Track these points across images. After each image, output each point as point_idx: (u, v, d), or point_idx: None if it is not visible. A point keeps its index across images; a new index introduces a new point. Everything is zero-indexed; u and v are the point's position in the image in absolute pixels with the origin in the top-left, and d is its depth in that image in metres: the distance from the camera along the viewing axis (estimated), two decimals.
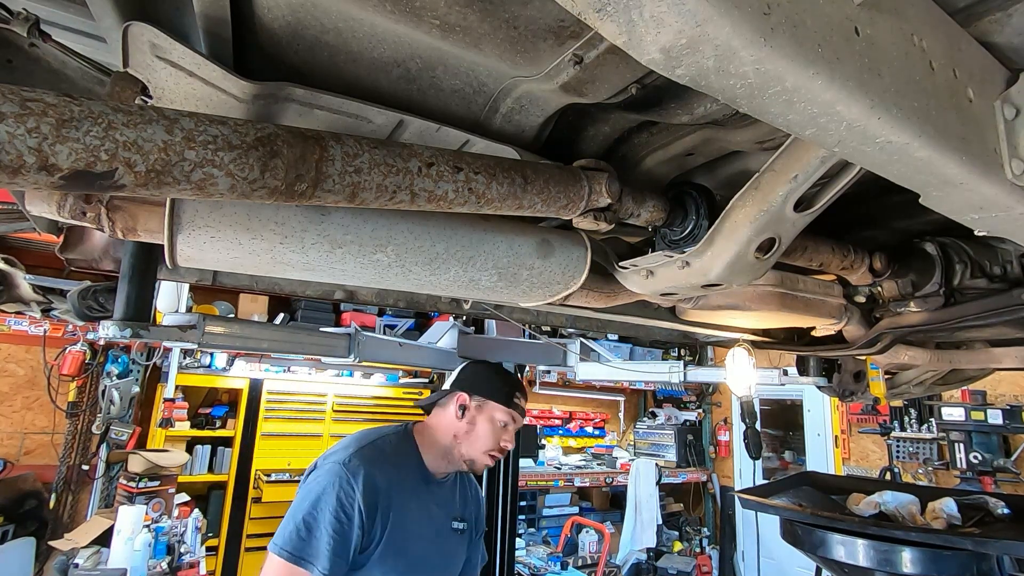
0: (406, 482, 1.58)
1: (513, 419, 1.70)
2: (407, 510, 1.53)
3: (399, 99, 1.01)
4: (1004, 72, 0.80)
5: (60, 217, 0.97)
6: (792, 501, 2.60)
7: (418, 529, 1.55)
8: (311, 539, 1.37)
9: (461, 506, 1.76)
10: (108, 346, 4.74)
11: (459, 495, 1.78)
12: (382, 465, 1.53)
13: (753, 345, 2.38)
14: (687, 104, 1.02)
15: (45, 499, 4.51)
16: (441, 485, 1.70)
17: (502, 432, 1.68)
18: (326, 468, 1.49)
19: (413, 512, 1.55)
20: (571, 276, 1.22)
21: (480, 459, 1.67)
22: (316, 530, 1.38)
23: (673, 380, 3.91)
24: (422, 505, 1.60)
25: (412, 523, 1.53)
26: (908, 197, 0.79)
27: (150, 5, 0.85)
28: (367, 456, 1.53)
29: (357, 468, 1.47)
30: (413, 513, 1.55)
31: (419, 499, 1.60)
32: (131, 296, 1.56)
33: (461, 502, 1.77)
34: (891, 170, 0.71)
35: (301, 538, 1.38)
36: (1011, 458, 4.73)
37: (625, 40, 0.51)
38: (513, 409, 1.70)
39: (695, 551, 6.86)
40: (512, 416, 1.70)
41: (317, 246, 0.98)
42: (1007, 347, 2.24)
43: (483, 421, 1.67)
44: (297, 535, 1.38)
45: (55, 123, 0.54)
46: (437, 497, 1.67)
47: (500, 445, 1.67)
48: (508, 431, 1.69)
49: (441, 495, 1.69)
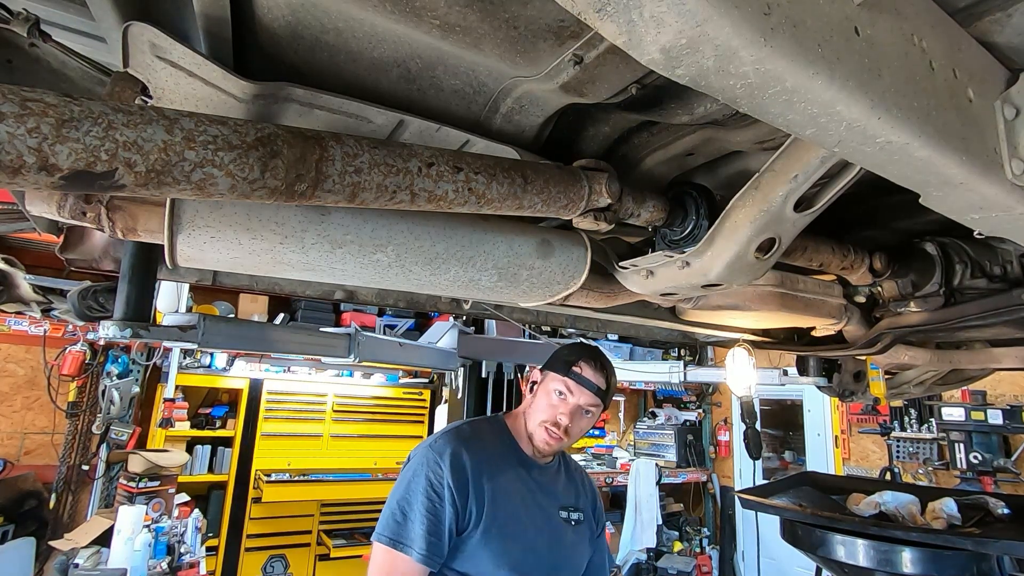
0: (501, 462, 1.52)
1: (568, 388, 1.55)
2: (506, 492, 1.47)
3: (399, 99, 1.01)
4: (1004, 72, 0.80)
5: (60, 217, 0.97)
6: (792, 501, 2.60)
7: (523, 513, 1.49)
8: (406, 523, 1.37)
9: (572, 496, 1.65)
10: (108, 346, 4.74)
11: (567, 484, 1.67)
12: (471, 444, 1.49)
13: (753, 345, 2.38)
14: (687, 104, 1.02)
15: (45, 499, 4.51)
16: (544, 471, 1.61)
17: (559, 403, 1.55)
18: (417, 453, 1.50)
19: (513, 494, 1.49)
20: (571, 276, 1.22)
21: (537, 433, 1.56)
22: (410, 513, 1.38)
23: (673, 380, 3.92)
24: (524, 488, 1.53)
25: (514, 505, 1.47)
26: (908, 197, 0.79)
27: (150, 5, 0.85)
28: (454, 437, 1.50)
29: (443, 447, 1.46)
30: (514, 495, 1.49)
31: (520, 482, 1.53)
32: (131, 296, 1.56)
33: (572, 492, 1.66)
34: (891, 170, 0.71)
35: (397, 522, 1.38)
36: (1011, 458, 4.73)
37: (625, 40, 0.51)
38: (568, 377, 1.56)
39: (695, 551, 6.86)
40: (566, 385, 1.55)
41: (317, 246, 0.98)
42: (1007, 347, 2.24)
43: (542, 393, 1.59)
44: (393, 520, 1.39)
45: (55, 123, 0.54)
46: (540, 483, 1.58)
47: (555, 418, 1.54)
48: (566, 403, 1.55)
49: (544, 481, 1.60)
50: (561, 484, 1.65)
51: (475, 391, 3.68)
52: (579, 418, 1.56)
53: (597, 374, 1.56)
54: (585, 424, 1.58)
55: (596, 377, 1.56)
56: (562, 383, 1.56)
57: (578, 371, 1.55)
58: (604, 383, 1.57)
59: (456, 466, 1.42)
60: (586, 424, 1.58)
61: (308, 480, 5.41)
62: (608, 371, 1.60)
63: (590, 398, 1.55)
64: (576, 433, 1.57)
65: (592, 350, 1.62)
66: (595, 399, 1.55)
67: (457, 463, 1.43)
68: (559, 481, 1.64)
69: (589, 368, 1.56)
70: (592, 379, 1.55)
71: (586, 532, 1.63)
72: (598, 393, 1.55)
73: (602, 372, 1.57)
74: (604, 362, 1.60)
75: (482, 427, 1.62)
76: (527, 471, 1.57)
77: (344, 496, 5.52)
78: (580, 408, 1.55)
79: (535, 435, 1.57)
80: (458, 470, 1.42)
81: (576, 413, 1.55)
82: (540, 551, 1.48)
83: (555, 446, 1.55)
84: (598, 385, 1.55)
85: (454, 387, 3.73)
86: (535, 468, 1.59)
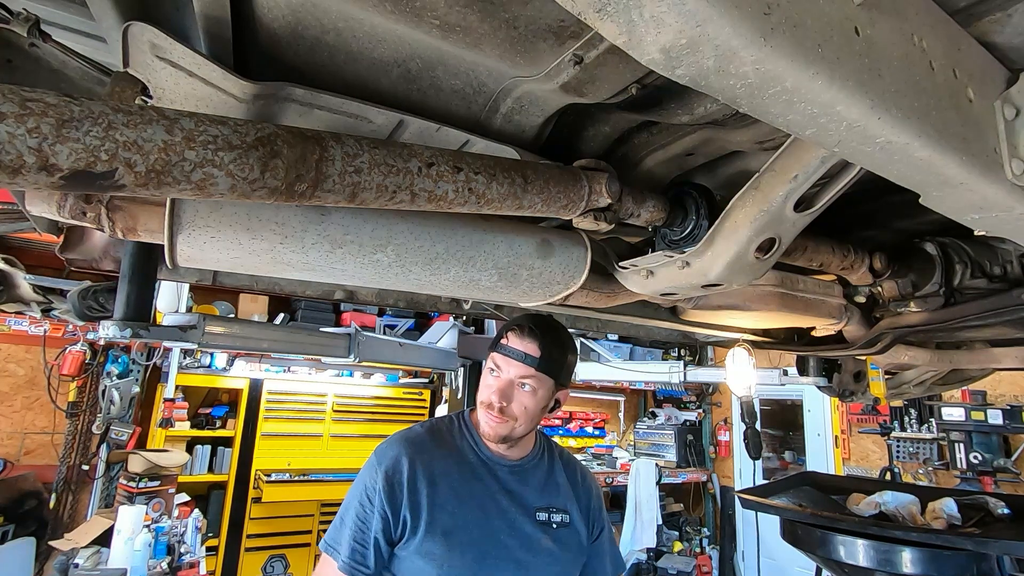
0: (453, 465, 1.39)
1: (496, 363, 1.41)
2: (457, 496, 1.35)
3: (399, 99, 1.01)
4: (1004, 72, 0.80)
5: (60, 217, 0.97)
6: (792, 501, 2.60)
7: (478, 518, 1.35)
8: (341, 528, 1.35)
9: (555, 496, 1.47)
10: (108, 346, 4.74)
11: (547, 483, 1.49)
12: (417, 448, 1.40)
13: (753, 345, 2.38)
14: (687, 104, 1.02)
15: (45, 499, 4.51)
16: (516, 470, 1.46)
17: (493, 381, 1.40)
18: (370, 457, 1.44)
19: (467, 498, 1.36)
20: (571, 276, 1.22)
21: (480, 418, 1.43)
22: (345, 518, 1.36)
23: (673, 380, 3.92)
24: (483, 491, 1.39)
25: (467, 510, 1.34)
26: (908, 197, 0.79)
27: (150, 5, 0.84)
28: (399, 441, 1.42)
29: (384, 453, 1.39)
30: (467, 500, 1.36)
31: (477, 483, 1.40)
32: (131, 296, 1.56)
33: (554, 491, 1.48)
34: (891, 170, 0.71)
35: (335, 527, 1.37)
36: (1011, 458, 4.73)
37: (625, 40, 0.51)
38: (496, 351, 1.41)
39: (695, 551, 6.86)
40: (494, 360, 1.41)
41: (317, 246, 0.98)
42: (1007, 347, 2.24)
43: (483, 375, 1.46)
44: (333, 524, 1.38)
45: (55, 123, 0.54)
46: (506, 483, 1.43)
47: (489, 398, 1.39)
48: (498, 380, 1.40)
49: (513, 481, 1.44)
50: (538, 483, 1.48)
51: (475, 391, 3.68)
52: (517, 394, 1.39)
53: (525, 340, 1.39)
54: (528, 400, 1.39)
55: (524, 344, 1.39)
56: (492, 359, 1.42)
57: (504, 342, 1.41)
58: (536, 349, 1.38)
59: (391, 474, 1.34)
60: (529, 400, 1.39)
61: (308, 480, 5.42)
62: (542, 336, 1.40)
63: (520, 368, 1.38)
64: (520, 412, 1.39)
65: (525, 317, 1.45)
66: (525, 368, 1.37)
67: (393, 470, 1.35)
68: (535, 480, 1.47)
69: (515, 336, 1.40)
70: (519, 347, 1.38)
71: (573, 537, 1.45)
72: (527, 361, 1.37)
73: (532, 337, 1.39)
74: (538, 327, 1.41)
75: (439, 428, 1.49)
76: (489, 471, 1.43)
77: (344, 496, 5.51)
78: (512, 382, 1.39)
79: (480, 421, 1.44)
80: (392, 478, 1.34)
81: (509, 389, 1.39)
82: (500, 558, 1.35)
83: (499, 429, 1.39)
84: (525, 352, 1.38)
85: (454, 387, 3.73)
86: (501, 467, 1.44)
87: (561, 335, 1.45)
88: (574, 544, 1.45)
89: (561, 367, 1.43)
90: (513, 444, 1.44)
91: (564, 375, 1.45)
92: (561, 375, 1.44)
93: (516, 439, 1.43)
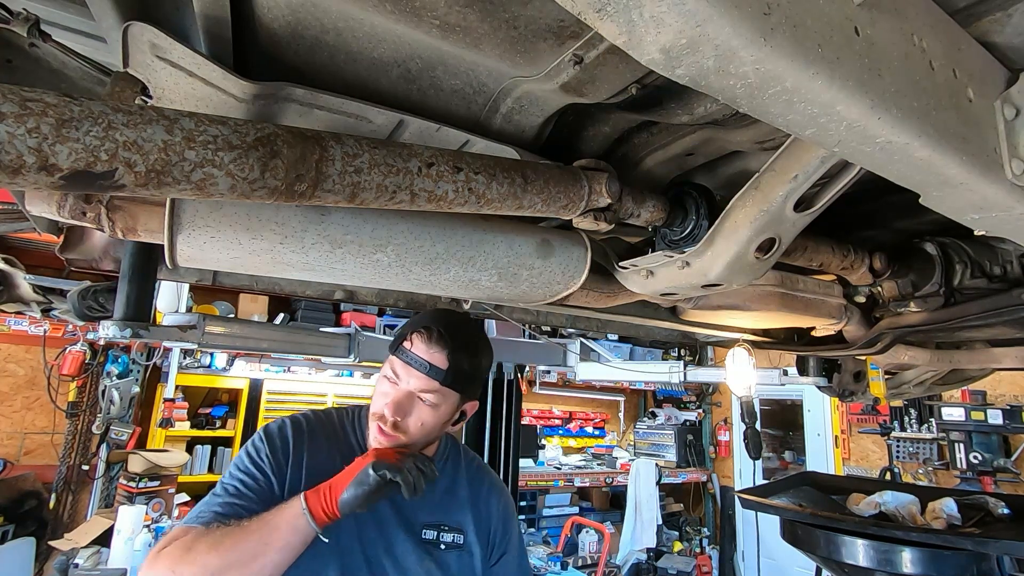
0: (341, 461, 1.16)
1: (394, 370, 1.19)
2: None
3: (399, 99, 1.01)
4: (1004, 72, 0.80)
5: (60, 217, 0.97)
6: (792, 501, 2.60)
7: (351, 528, 1.16)
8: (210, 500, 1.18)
9: (449, 511, 1.28)
10: (108, 346, 4.74)
11: (445, 497, 1.30)
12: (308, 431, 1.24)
13: (753, 345, 2.38)
14: (687, 104, 1.02)
15: (45, 499, 4.51)
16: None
17: (389, 390, 1.19)
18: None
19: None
20: (571, 276, 1.22)
21: (370, 430, 1.21)
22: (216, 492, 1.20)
23: (673, 380, 3.92)
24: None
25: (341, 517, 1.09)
26: (908, 197, 0.79)
27: (150, 5, 0.84)
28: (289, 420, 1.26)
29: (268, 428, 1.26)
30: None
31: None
32: (131, 296, 1.56)
33: (450, 506, 1.29)
34: (891, 170, 0.71)
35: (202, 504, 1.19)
36: (1011, 458, 4.73)
37: (625, 40, 0.51)
38: (396, 356, 1.20)
39: (695, 551, 6.86)
40: (392, 366, 1.19)
41: (317, 246, 0.98)
42: (1007, 347, 2.24)
43: (379, 378, 1.25)
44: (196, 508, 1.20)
45: (55, 123, 0.54)
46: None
47: (381, 411, 1.18)
48: (394, 390, 1.18)
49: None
50: (433, 495, 1.27)
51: None
52: (415, 409, 1.17)
53: (432, 348, 1.16)
54: (428, 416, 1.18)
55: (429, 352, 1.16)
56: (390, 364, 1.21)
57: (407, 347, 1.19)
58: (443, 359, 1.16)
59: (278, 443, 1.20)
60: (429, 416, 1.18)
61: None
62: (452, 343, 1.17)
63: (421, 381, 1.16)
64: (415, 428, 1.18)
65: (435, 317, 1.23)
66: (428, 381, 1.16)
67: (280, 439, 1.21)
68: (430, 491, 1.20)
69: (421, 341, 1.17)
70: (423, 355, 1.16)
71: (464, 561, 1.26)
72: (431, 373, 1.15)
73: (440, 345, 1.16)
74: (449, 333, 1.18)
75: (331, 417, 1.32)
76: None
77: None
78: (411, 396, 1.17)
79: (368, 433, 1.23)
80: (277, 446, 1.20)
81: (406, 402, 1.17)
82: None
83: (388, 446, 1.18)
84: (429, 362, 1.15)
85: None
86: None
87: (474, 341, 1.25)
88: (463, 569, 1.26)
89: (471, 380, 1.23)
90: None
91: (473, 388, 1.27)
92: (469, 389, 1.24)
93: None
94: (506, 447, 3.67)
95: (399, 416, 1.17)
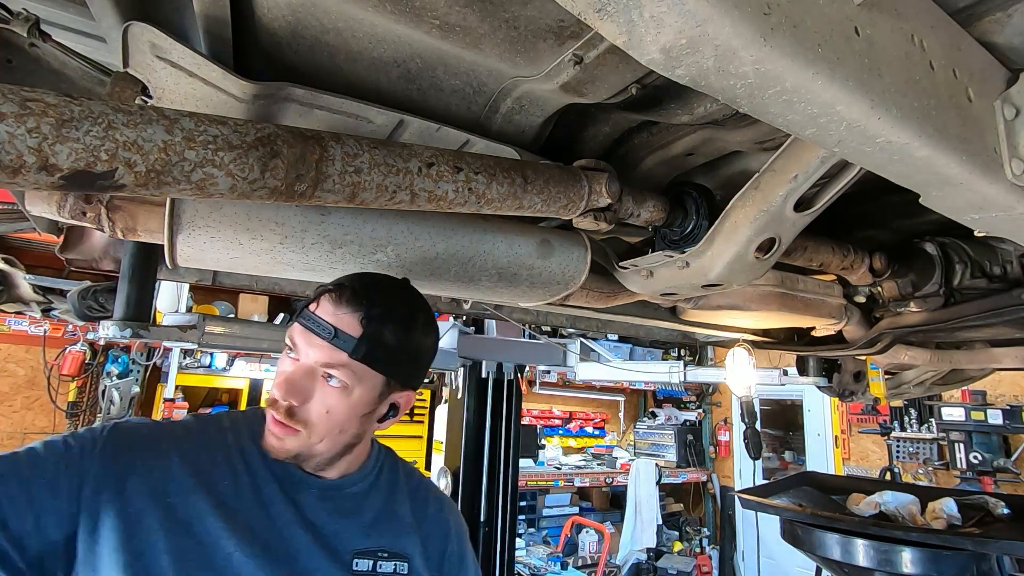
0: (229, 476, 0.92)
1: (293, 340, 0.92)
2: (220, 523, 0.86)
3: (399, 99, 1.01)
4: (1004, 72, 0.80)
5: (60, 217, 0.97)
6: (792, 501, 2.60)
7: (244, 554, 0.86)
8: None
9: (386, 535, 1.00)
10: (108, 346, 4.74)
11: (382, 517, 1.02)
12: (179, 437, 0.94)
13: (753, 345, 2.38)
14: (687, 104, 1.02)
15: None
16: (332, 496, 0.98)
17: (287, 366, 0.93)
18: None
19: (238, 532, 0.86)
20: (571, 276, 1.22)
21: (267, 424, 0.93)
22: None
23: (673, 380, 3.91)
24: (264, 523, 0.90)
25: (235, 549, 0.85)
26: (908, 197, 0.79)
27: (150, 5, 0.85)
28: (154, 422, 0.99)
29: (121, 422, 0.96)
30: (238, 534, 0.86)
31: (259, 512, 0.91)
32: (131, 296, 1.56)
33: (388, 530, 1.01)
34: (891, 170, 0.71)
35: None
36: (1011, 458, 4.73)
37: (625, 40, 0.51)
38: (298, 321, 0.92)
39: (695, 551, 6.86)
40: (291, 336, 0.92)
41: (317, 246, 0.98)
42: (1007, 347, 2.24)
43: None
44: None
45: (55, 123, 0.54)
46: (315, 513, 0.95)
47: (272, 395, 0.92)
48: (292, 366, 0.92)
49: (325, 511, 0.96)
50: (365, 515, 1.00)
51: (475, 391, 3.68)
52: (317, 391, 0.90)
53: (340, 310, 0.89)
54: (336, 402, 0.90)
55: (336, 314, 0.89)
56: (290, 333, 0.93)
57: (311, 309, 0.91)
58: (354, 325, 0.88)
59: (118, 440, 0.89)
60: (337, 402, 0.90)
61: None
62: (370, 304, 0.90)
63: (323, 352, 0.88)
64: (320, 421, 0.90)
65: (354, 275, 0.97)
66: (332, 352, 0.88)
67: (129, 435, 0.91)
68: (362, 510, 1.00)
69: (328, 302, 0.90)
70: (329, 318, 0.89)
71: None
72: (337, 341, 0.88)
73: (353, 306, 0.89)
74: (366, 291, 0.91)
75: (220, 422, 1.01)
76: (284, 492, 0.94)
77: None
78: (311, 372, 0.90)
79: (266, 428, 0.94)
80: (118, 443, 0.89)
81: (303, 382, 0.89)
82: None
83: (286, 443, 0.91)
84: (335, 326, 0.88)
85: (454, 387, 3.73)
86: (307, 488, 0.96)
87: (407, 310, 0.96)
88: None
89: (398, 359, 0.94)
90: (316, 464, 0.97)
91: (404, 371, 0.97)
92: (398, 371, 0.95)
93: (315, 460, 0.95)
94: (506, 447, 3.67)
95: (294, 399, 0.89)
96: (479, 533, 3.50)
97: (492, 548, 3.54)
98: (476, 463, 3.58)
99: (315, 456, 0.94)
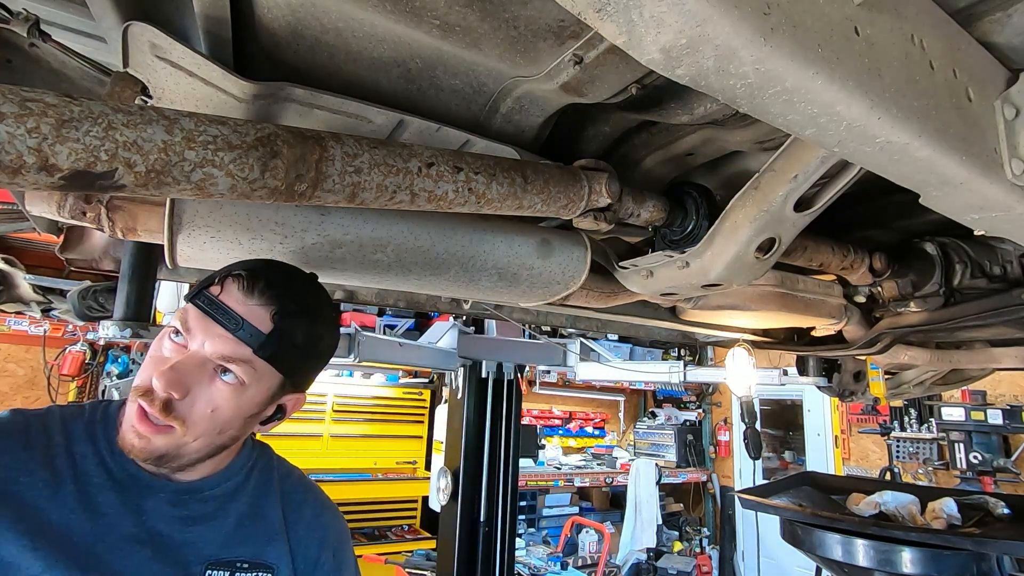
0: (51, 483, 0.79)
1: (185, 323, 0.81)
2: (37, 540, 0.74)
3: (399, 99, 1.01)
4: (1004, 72, 0.80)
5: (60, 217, 0.97)
6: (792, 501, 2.60)
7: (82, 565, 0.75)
8: None
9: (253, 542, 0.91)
10: (108, 346, 4.74)
11: (251, 519, 0.93)
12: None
13: (753, 345, 2.38)
14: (687, 104, 1.02)
15: None
16: (185, 500, 0.87)
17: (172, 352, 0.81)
18: None
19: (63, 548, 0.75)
20: (571, 276, 1.22)
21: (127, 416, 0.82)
22: None
23: (673, 380, 3.91)
24: (92, 536, 0.78)
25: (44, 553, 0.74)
26: (908, 197, 0.79)
27: (150, 5, 0.85)
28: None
29: None
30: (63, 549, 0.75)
31: (88, 523, 0.78)
32: (131, 296, 1.55)
33: (253, 533, 0.92)
34: (891, 170, 0.71)
35: None
36: (1011, 458, 4.73)
37: (625, 40, 0.51)
38: (196, 302, 0.82)
39: (695, 551, 6.86)
40: (184, 318, 0.81)
41: (317, 246, 0.98)
42: (1007, 347, 2.24)
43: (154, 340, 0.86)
44: None
45: (55, 123, 0.54)
46: (161, 522, 0.84)
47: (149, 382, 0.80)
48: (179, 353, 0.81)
49: (176, 519, 0.85)
50: (226, 521, 0.90)
51: (475, 391, 3.68)
52: (206, 386, 0.80)
53: (251, 300, 0.80)
54: (225, 400, 0.81)
55: (247, 304, 0.80)
56: (179, 316, 0.82)
57: (213, 292, 0.81)
58: (265, 319, 0.80)
59: None
60: (227, 402, 0.81)
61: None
62: (284, 300, 0.82)
63: (226, 344, 0.79)
64: (202, 421, 0.80)
65: (263, 263, 0.89)
66: (236, 346, 0.79)
67: None
68: (221, 515, 0.90)
69: (237, 289, 0.81)
70: (237, 307, 0.80)
71: None
72: (244, 335, 0.79)
73: (266, 299, 0.81)
74: (281, 283, 0.84)
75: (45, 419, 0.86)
76: (126, 497, 0.82)
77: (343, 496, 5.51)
78: (203, 364, 0.80)
79: (124, 421, 0.83)
80: None
81: (192, 374, 0.79)
82: None
83: (155, 442, 0.79)
84: (244, 318, 0.79)
85: (454, 387, 3.73)
86: (155, 492, 0.85)
87: (318, 308, 0.90)
88: None
89: (302, 360, 0.88)
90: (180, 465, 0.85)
91: (303, 372, 0.91)
92: (298, 372, 0.88)
93: (179, 461, 0.83)
94: (506, 447, 3.67)
95: (176, 392, 0.77)
96: (479, 533, 3.50)
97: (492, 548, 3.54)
98: (476, 463, 3.58)
99: (181, 457, 0.83)
